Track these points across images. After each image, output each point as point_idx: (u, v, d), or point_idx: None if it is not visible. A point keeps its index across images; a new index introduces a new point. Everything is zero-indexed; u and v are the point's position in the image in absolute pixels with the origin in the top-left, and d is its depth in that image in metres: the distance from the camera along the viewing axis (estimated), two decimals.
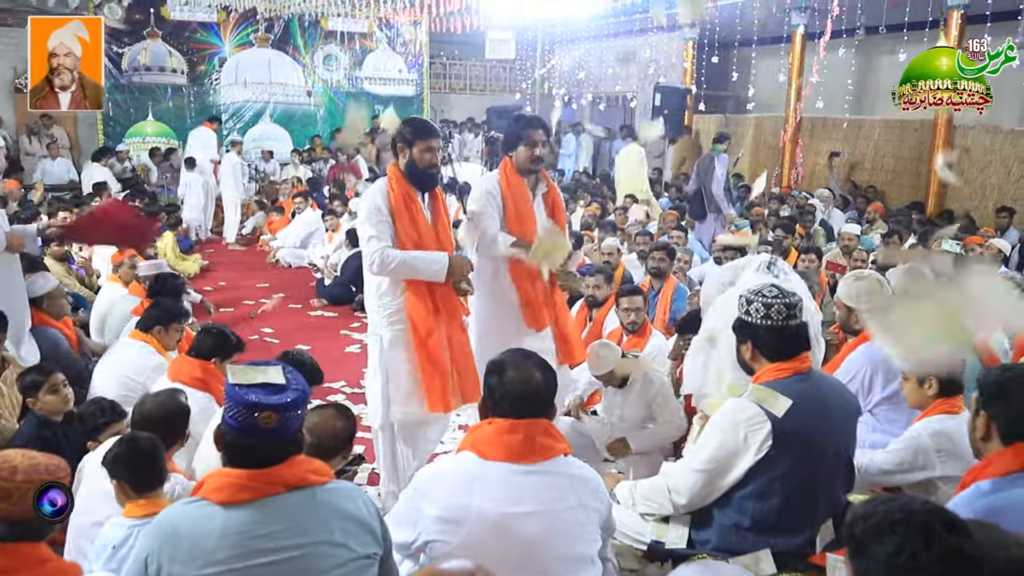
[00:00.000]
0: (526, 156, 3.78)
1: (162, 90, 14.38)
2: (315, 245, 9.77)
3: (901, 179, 10.76)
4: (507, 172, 3.85)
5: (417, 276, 3.46)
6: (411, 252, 3.44)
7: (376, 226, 3.42)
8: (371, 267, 3.42)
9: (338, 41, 15.61)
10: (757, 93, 11.55)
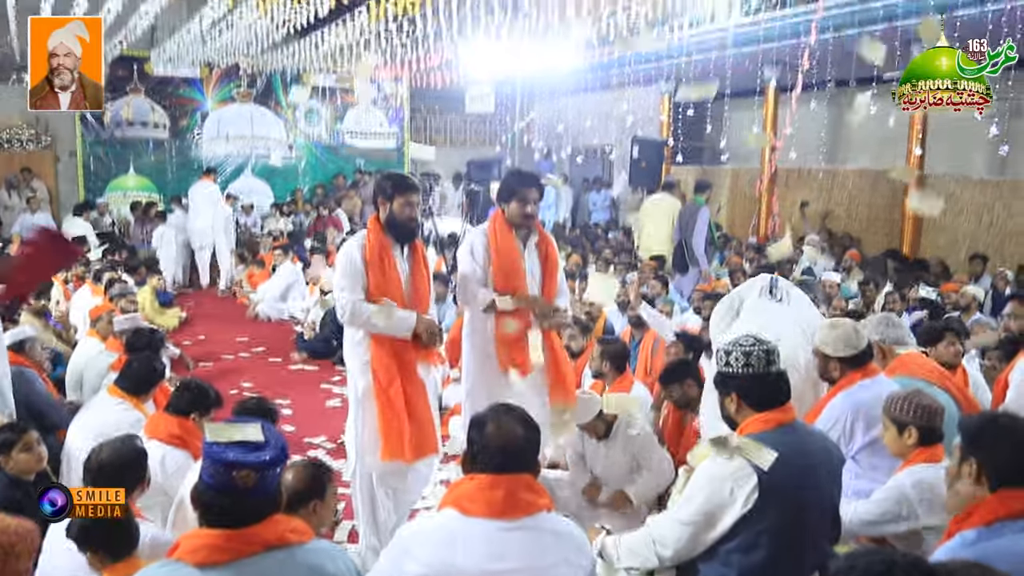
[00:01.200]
0: (518, 211, 3.86)
1: (144, 144, 14.43)
2: (295, 298, 9.75)
3: (875, 227, 10.94)
4: (496, 224, 3.91)
5: (384, 330, 3.52)
6: (381, 308, 3.49)
7: (349, 277, 3.51)
8: (342, 317, 3.52)
9: (320, 96, 15.78)
10: (732, 145, 11.76)
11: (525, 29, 10.21)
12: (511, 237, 3.89)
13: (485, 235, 3.91)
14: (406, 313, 3.55)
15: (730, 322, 4.01)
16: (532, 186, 3.89)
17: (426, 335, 3.56)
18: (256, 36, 11.34)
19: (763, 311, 4.01)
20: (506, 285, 3.83)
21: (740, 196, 12.86)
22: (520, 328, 3.85)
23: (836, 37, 9.05)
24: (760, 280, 4.12)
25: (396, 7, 8.77)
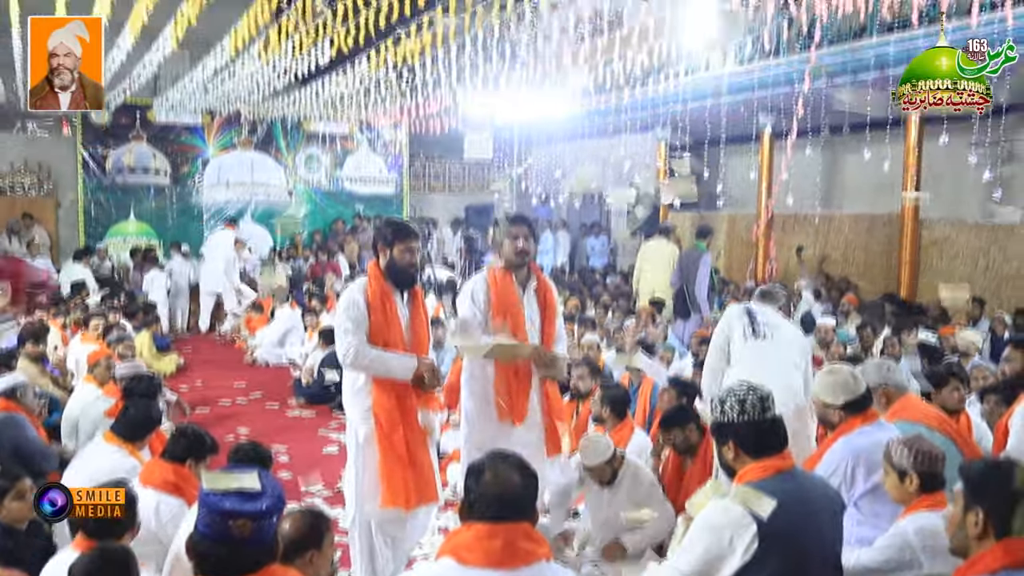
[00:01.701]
0: (511, 249, 3.90)
1: (145, 190, 14.55)
2: (293, 343, 9.73)
3: (872, 272, 10.98)
4: (494, 270, 3.95)
5: (386, 374, 3.53)
6: (383, 351, 3.52)
7: (352, 320, 3.51)
8: (344, 360, 3.51)
9: (320, 143, 15.96)
10: (728, 190, 11.87)
11: (523, 77, 10.36)
12: (511, 282, 3.91)
13: (485, 280, 3.93)
14: (408, 356, 3.57)
15: (723, 371, 4.10)
16: (520, 223, 3.95)
17: (428, 378, 3.57)
18: (257, 84, 11.50)
19: (752, 355, 4.08)
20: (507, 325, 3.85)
21: (737, 241, 12.93)
22: (519, 375, 3.85)
23: (830, 85, 9.20)
24: (737, 317, 4.23)
25: (396, 56, 8.90)
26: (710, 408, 2.69)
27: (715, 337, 4.41)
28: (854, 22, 8.77)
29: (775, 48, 9.79)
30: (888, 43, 8.60)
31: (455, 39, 8.23)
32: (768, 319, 4.28)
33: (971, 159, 8.38)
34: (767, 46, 9.74)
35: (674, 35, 9.30)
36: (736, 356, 4.21)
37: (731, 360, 4.23)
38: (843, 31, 9.18)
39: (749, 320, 4.21)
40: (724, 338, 4.30)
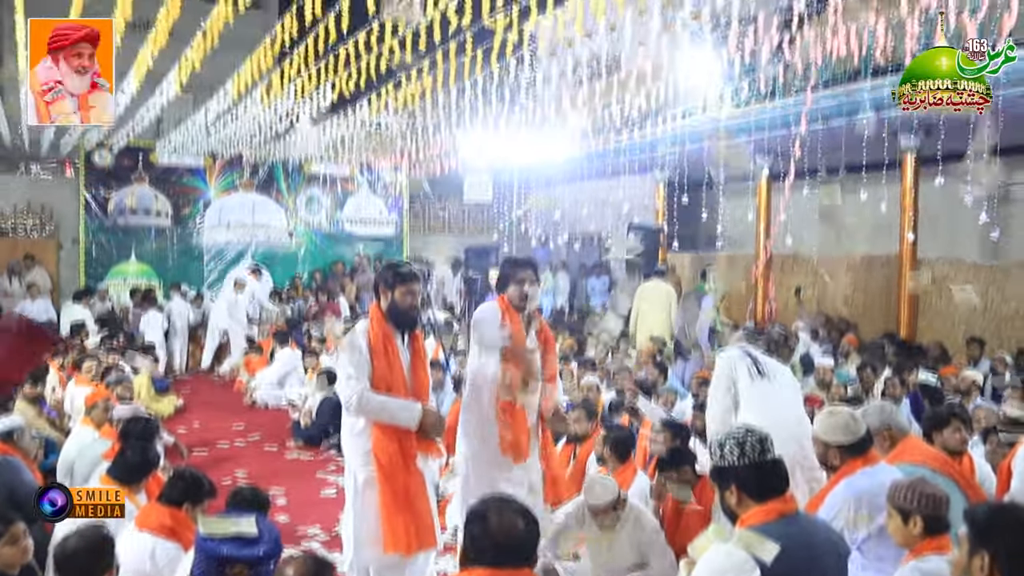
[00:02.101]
0: (516, 294, 3.93)
1: (146, 232, 14.62)
2: (292, 385, 9.69)
3: (872, 313, 10.98)
4: (506, 305, 3.97)
5: (390, 421, 3.52)
6: (388, 397, 3.50)
7: (355, 365, 3.50)
8: (348, 406, 3.49)
9: (320, 184, 16.08)
10: (727, 231, 11.92)
11: (522, 120, 10.47)
12: (519, 320, 3.95)
13: (499, 310, 3.96)
14: (412, 403, 3.56)
15: (732, 413, 4.12)
16: (527, 267, 3.98)
17: (432, 428, 3.57)
18: (259, 127, 11.63)
19: (760, 396, 4.10)
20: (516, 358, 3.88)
21: (736, 282, 12.95)
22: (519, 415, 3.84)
23: (826, 127, 9.30)
24: (739, 359, 4.26)
25: (396, 100, 9.01)
26: (709, 453, 2.68)
27: (718, 381, 4.42)
28: (848, 65, 8.89)
29: (771, 91, 9.92)
30: (883, 86, 8.72)
31: (455, 83, 8.34)
32: (766, 359, 4.33)
33: (966, 200, 8.43)
34: (763, 89, 9.87)
35: (671, 78, 9.43)
36: (744, 397, 4.23)
37: (739, 402, 4.26)
38: (838, 74, 9.32)
39: (752, 361, 4.24)
40: (729, 381, 4.31)
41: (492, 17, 6.60)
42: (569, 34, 7.32)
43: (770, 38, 7.95)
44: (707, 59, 8.69)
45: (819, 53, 8.00)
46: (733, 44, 7.64)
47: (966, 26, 6.62)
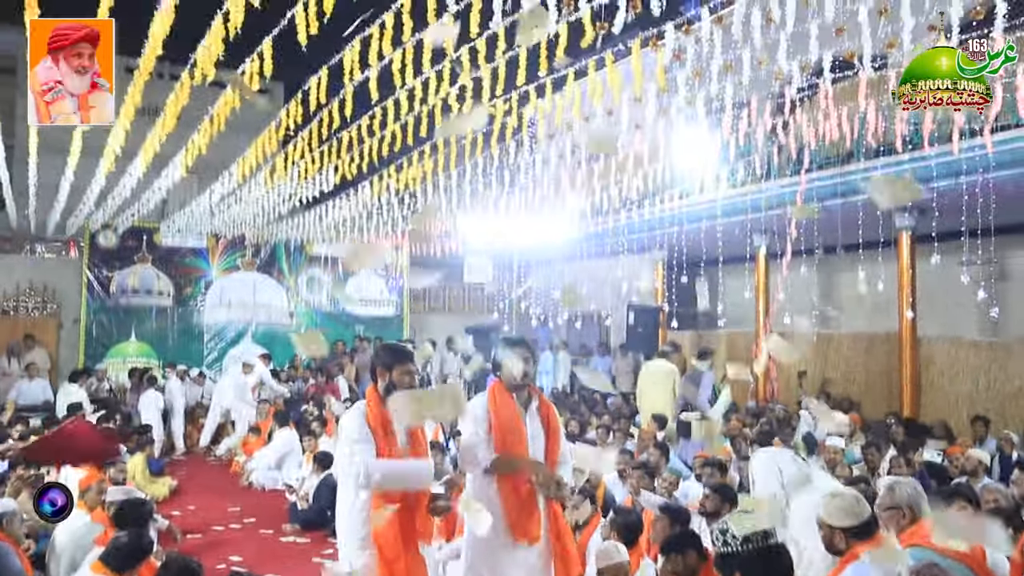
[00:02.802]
0: (511, 373, 3.88)
1: (147, 311, 14.68)
2: (290, 467, 9.55)
3: (873, 391, 10.92)
4: (495, 391, 3.92)
5: (402, 485, 3.46)
6: (395, 461, 3.47)
7: (359, 443, 3.45)
8: (359, 481, 3.40)
9: (321, 265, 16.22)
10: (726, 309, 11.97)
11: (522, 201, 10.63)
12: (511, 403, 3.89)
13: (486, 401, 3.91)
14: (421, 462, 3.53)
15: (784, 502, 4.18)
16: (522, 347, 3.96)
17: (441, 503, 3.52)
18: (263, 209, 11.81)
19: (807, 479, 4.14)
20: (508, 447, 3.79)
21: (736, 360, 12.91)
22: (525, 493, 3.77)
23: (821, 206, 9.44)
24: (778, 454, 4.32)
25: (398, 182, 9.17)
26: (711, 541, 2.63)
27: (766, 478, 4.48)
28: (841, 148, 9.10)
29: (767, 172, 10.12)
30: (876, 167, 8.90)
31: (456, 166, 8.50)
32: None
33: (963, 278, 8.50)
34: (759, 170, 10.07)
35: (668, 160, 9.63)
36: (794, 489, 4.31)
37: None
38: (831, 156, 9.52)
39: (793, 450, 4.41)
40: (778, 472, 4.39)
41: (492, 103, 6.78)
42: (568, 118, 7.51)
43: (764, 121, 8.16)
44: (703, 141, 8.88)
45: (812, 136, 8.21)
46: (728, 127, 7.83)
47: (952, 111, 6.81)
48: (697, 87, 7.29)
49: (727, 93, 7.05)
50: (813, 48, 5.94)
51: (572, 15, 5.35)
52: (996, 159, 7.49)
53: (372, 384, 3.70)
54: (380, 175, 9.84)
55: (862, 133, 8.26)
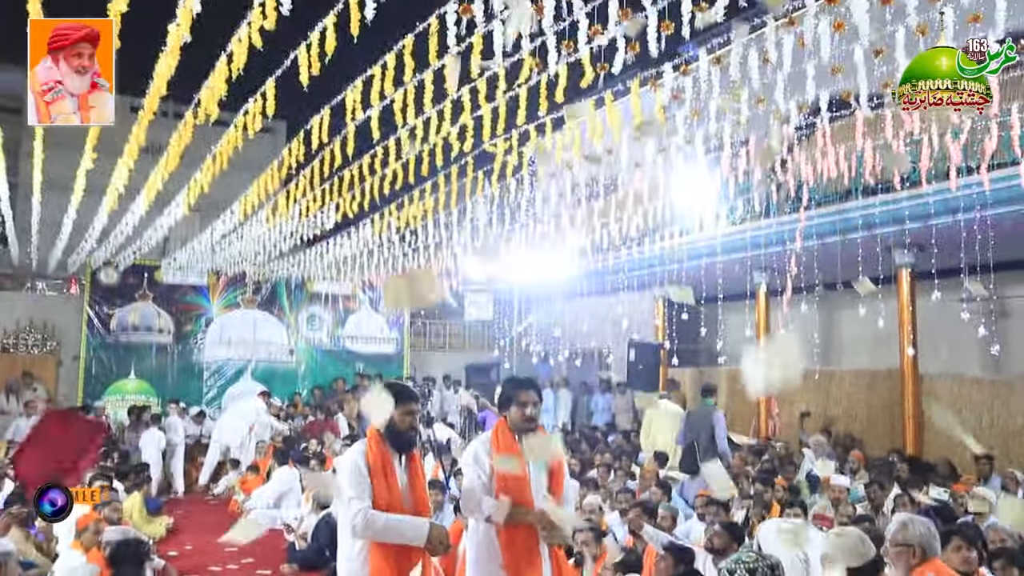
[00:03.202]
0: (519, 416, 3.83)
1: (147, 348, 14.65)
2: (289, 506, 9.46)
3: (876, 428, 10.85)
4: (499, 432, 3.87)
5: (398, 540, 3.41)
6: (394, 515, 3.42)
7: (357, 486, 3.42)
8: (354, 529, 3.36)
9: (322, 302, 16.23)
10: (727, 346, 11.94)
11: (523, 239, 10.67)
12: (514, 445, 3.84)
13: (488, 444, 3.85)
14: (418, 520, 3.47)
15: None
16: (529, 388, 3.91)
17: (439, 544, 3.45)
18: (264, 246, 11.85)
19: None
20: (509, 494, 3.73)
21: (738, 397, 12.85)
22: (527, 539, 3.71)
23: (821, 243, 9.48)
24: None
25: (399, 220, 9.22)
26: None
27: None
28: (839, 185, 9.16)
29: (766, 209, 10.18)
30: (874, 204, 8.95)
31: (456, 203, 8.55)
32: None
33: (963, 315, 8.49)
34: (758, 208, 10.13)
35: (668, 198, 9.70)
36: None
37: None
38: (830, 193, 9.58)
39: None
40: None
41: (493, 142, 6.84)
42: (568, 156, 7.57)
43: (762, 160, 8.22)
44: (702, 179, 8.94)
45: (810, 174, 8.28)
46: (727, 165, 7.89)
47: (949, 147, 6.88)
48: (696, 126, 7.37)
49: (726, 132, 7.13)
50: (810, 87, 6.02)
51: (572, 56, 5.42)
52: (993, 196, 7.54)
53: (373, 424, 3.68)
54: (381, 213, 9.90)
55: (860, 171, 8.32)
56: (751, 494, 6.59)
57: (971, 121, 7.00)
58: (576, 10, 5.08)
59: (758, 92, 6.28)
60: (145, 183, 8.21)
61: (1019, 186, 6.83)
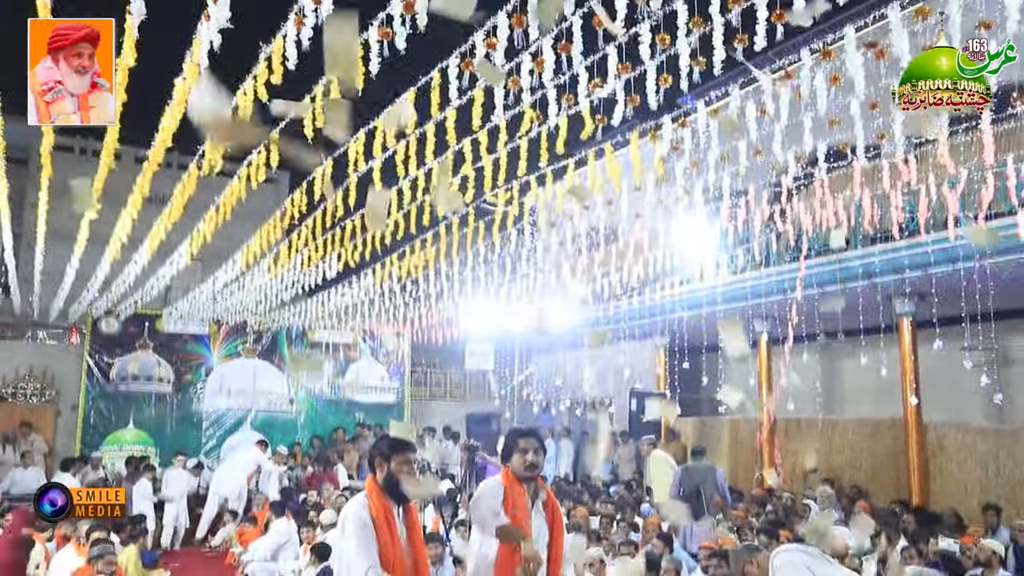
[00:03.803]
0: (520, 463, 3.84)
1: (146, 398, 14.58)
2: (286, 558, 9.31)
3: (880, 477, 10.73)
4: (508, 479, 3.87)
5: None
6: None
7: (364, 541, 3.35)
8: None
9: (323, 351, 16.19)
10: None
11: (523, 288, 10.70)
12: (523, 495, 3.84)
13: (501, 487, 3.85)
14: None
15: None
16: (530, 436, 3.92)
17: None
18: (265, 295, 11.88)
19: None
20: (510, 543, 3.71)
21: (741, 447, 12.75)
22: None
23: (821, 292, 9.50)
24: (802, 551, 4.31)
25: (400, 270, 9.26)
26: None
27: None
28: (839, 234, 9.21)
29: (766, 259, 10.22)
30: (873, 253, 8.99)
31: (458, 254, 8.59)
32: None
33: (966, 364, 8.47)
34: (758, 257, 10.18)
35: (668, 248, 9.75)
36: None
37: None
38: (829, 242, 9.62)
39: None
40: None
41: (494, 192, 6.91)
42: (568, 207, 7.64)
43: (761, 210, 8.29)
44: (702, 229, 9.01)
45: (809, 223, 8.34)
46: (726, 215, 7.96)
47: (946, 197, 6.94)
48: (695, 176, 7.45)
49: (725, 182, 7.20)
50: (808, 139, 6.10)
51: (572, 108, 5.51)
52: (991, 246, 7.58)
53: (371, 475, 3.65)
54: (382, 262, 9.94)
55: (859, 220, 8.39)
56: (756, 546, 6.48)
57: (967, 171, 7.09)
58: (576, 64, 5.17)
59: (756, 143, 6.36)
60: (148, 233, 8.27)
61: (1017, 236, 6.88)
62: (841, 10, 4.62)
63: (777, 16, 4.53)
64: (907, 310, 9.58)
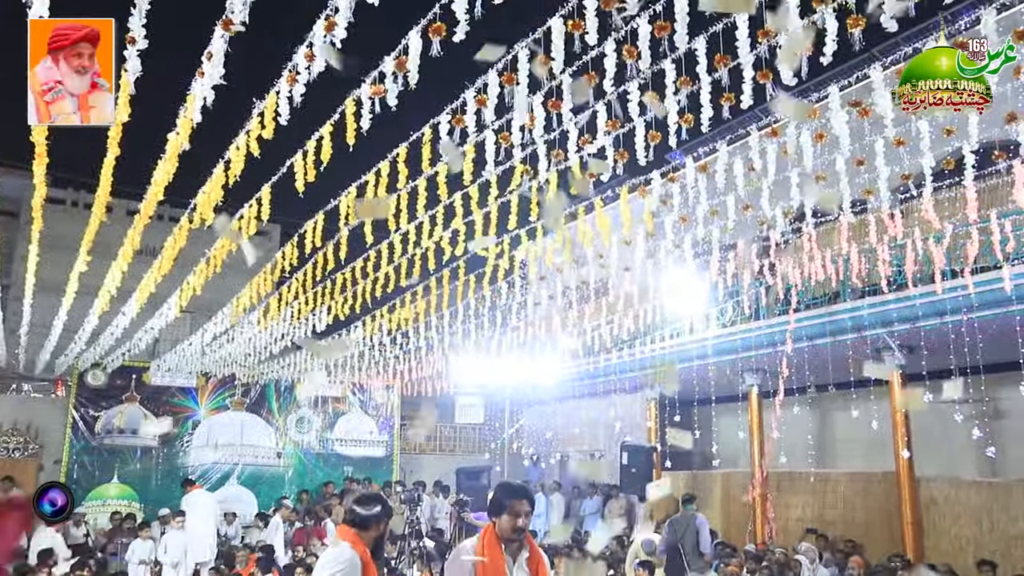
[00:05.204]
0: (509, 525, 3.74)
1: (131, 452, 14.37)
2: None
3: (874, 531, 10.61)
4: (486, 538, 3.77)
5: None
6: None
7: None
8: None
9: (312, 404, 16.05)
10: (721, 449, 11.80)
11: (514, 342, 10.68)
12: (499, 553, 3.74)
13: (472, 550, 3.76)
14: None
15: None
16: (523, 497, 3.82)
17: None
18: (255, 348, 11.81)
19: None
20: None
21: (733, 501, 12.62)
22: None
23: (811, 345, 9.51)
24: None
25: (391, 323, 9.25)
26: None
27: None
28: (828, 288, 9.27)
29: (755, 312, 10.26)
30: (862, 307, 9.04)
31: (448, 307, 8.59)
32: None
33: (957, 417, 8.46)
34: (747, 310, 10.22)
35: (658, 301, 9.78)
36: None
37: None
38: (818, 296, 9.68)
39: None
40: None
41: (484, 246, 6.94)
42: (558, 261, 7.68)
43: (750, 264, 8.36)
44: (692, 282, 9.05)
45: (798, 277, 8.40)
46: (715, 269, 8.01)
47: (932, 251, 7.02)
48: (684, 231, 7.52)
49: (714, 236, 7.26)
50: (795, 194, 6.18)
51: (562, 164, 5.58)
52: (978, 299, 7.64)
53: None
54: (373, 315, 9.93)
55: (847, 274, 8.45)
56: None
57: (952, 226, 7.17)
58: (566, 120, 5.25)
59: (744, 199, 6.44)
60: (138, 285, 8.25)
61: (1003, 289, 6.94)
62: (826, 69, 4.72)
63: (763, 75, 4.63)
64: (896, 363, 9.59)
